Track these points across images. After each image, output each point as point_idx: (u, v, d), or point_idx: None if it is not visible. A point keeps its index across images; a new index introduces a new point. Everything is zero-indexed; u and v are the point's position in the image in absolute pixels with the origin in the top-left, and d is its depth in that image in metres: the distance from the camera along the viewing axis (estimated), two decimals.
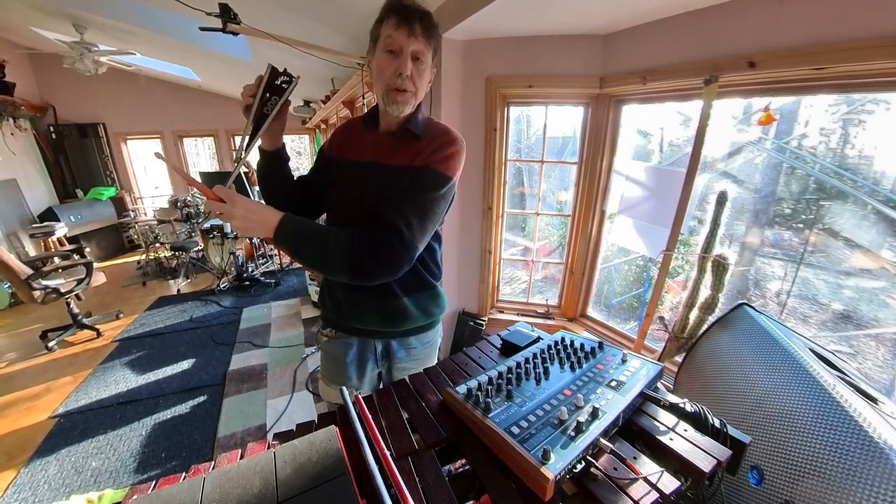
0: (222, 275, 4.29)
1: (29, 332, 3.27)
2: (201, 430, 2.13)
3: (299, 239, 0.81)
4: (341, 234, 0.83)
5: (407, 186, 0.88)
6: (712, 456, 0.62)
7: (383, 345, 1.10)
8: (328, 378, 1.13)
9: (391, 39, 0.83)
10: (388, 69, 0.85)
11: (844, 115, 2.40)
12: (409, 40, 0.83)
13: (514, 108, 2.14)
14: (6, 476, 1.84)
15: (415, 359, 1.12)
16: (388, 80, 0.85)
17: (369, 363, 1.10)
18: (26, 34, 4.22)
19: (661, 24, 1.57)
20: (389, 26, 0.83)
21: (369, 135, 0.98)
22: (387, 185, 0.91)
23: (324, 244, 0.82)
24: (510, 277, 4.15)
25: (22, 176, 4.63)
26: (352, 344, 1.09)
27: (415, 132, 0.91)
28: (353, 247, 0.82)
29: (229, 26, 1.80)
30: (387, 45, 0.84)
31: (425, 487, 0.60)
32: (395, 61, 0.84)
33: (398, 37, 0.82)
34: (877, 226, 2.30)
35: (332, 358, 1.11)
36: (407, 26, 0.82)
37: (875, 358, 2.13)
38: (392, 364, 1.12)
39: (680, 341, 1.53)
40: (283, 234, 0.80)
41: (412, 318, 1.04)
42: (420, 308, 1.05)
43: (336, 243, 0.82)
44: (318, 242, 0.82)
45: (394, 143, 0.93)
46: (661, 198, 1.79)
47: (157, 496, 0.56)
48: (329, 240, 0.82)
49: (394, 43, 0.83)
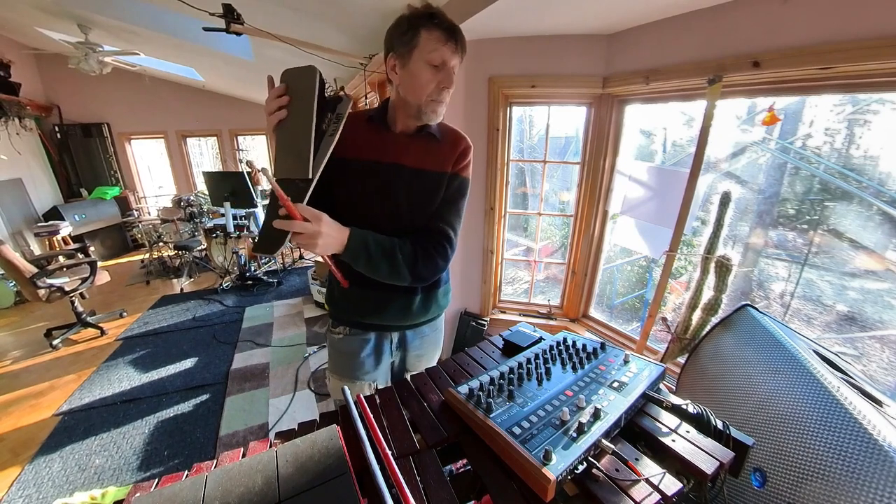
0: (225, 274, 4.31)
1: (33, 330, 3.30)
2: (204, 428, 2.13)
3: (370, 253, 0.86)
4: (405, 247, 0.90)
5: (445, 195, 0.96)
6: (715, 458, 0.61)
7: (399, 336, 1.13)
8: (342, 374, 1.12)
9: (438, 54, 0.84)
10: (431, 83, 0.86)
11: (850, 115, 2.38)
12: (454, 56, 0.86)
13: (516, 108, 2.13)
14: (11, 473, 1.85)
15: (427, 345, 1.18)
16: (431, 93, 0.87)
17: (385, 355, 1.13)
18: (32, 35, 4.26)
19: (664, 24, 1.56)
20: (436, 40, 0.83)
21: (382, 134, 0.96)
22: (418, 189, 0.95)
23: (392, 259, 0.88)
24: (512, 278, 4.15)
25: (27, 175, 4.66)
26: (368, 339, 1.10)
27: (434, 135, 0.96)
28: (416, 259, 0.91)
29: (232, 26, 1.80)
30: (432, 59, 0.84)
31: (426, 487, 0.60)
32: (438, 75, 0.86)
33: (445, 52, 0.84)
34: (882, 227, 2.29)
35: (346, 355, 1.11)
36: (454, 42, 0.84)
37: (880, 360, 2.12)
38: (406, 352, 1.16)
39: (682, 342, 1.53)
40: (353, 249, 0.83)
41: (428, 311, 1.09)
42: (434, 302, 1.10)
43: (403, 258, 0.89)
44: (388, 258, 0.88)
45: (415, 146, 0.95)
46: (664, 198, 1.78)
47: (159, 494, 0.56)
48: (396, 254, 0.89)
49: (439, 58, 0.84)
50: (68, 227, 4.45)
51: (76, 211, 4.92)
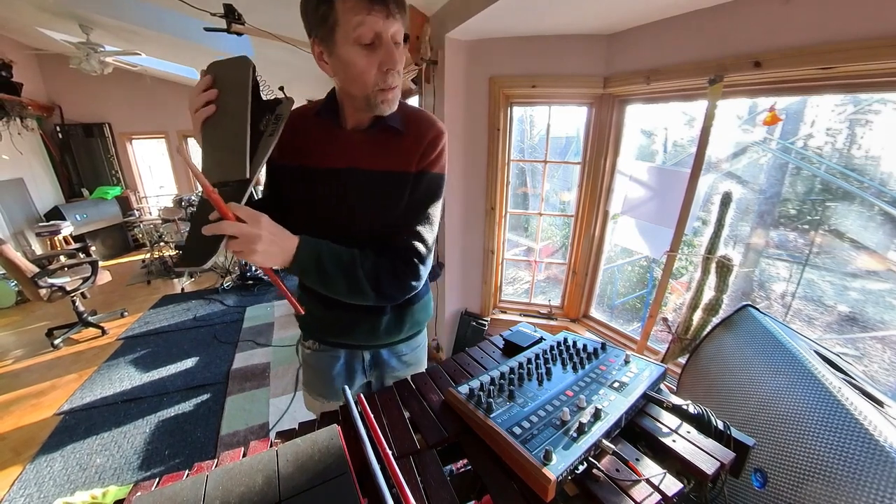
0: (226, 274, 4.31)
1: (35, 330, 3.30)
2: (204, 427, 2.14)
3: (323, 267, 0.71)
4: (367, 262, 0.75)
5: (411, 198, 0.80)
6: (715, 458, 0.61)
7: (371, 355, 1.01)
8: (314, 391, 1.04)
9: (366, 28, 0.63)
10: (369, 69, 0.67)
11: (851, 115, 2.37)
12: (389, 22, 0.64)
13: (517, 108, 2.13)
14: (12, 472, 1.86)
15: (407, 364, 1.06)
16: (376, 80, 0.69)
17: (358, 375, 1.02)
18: (33, 35, 4.26)
19: (665, 24, 1.56)
20: (355, 8, 0.62)
21: (333, 133, 0.81)
22: (379, 195, 0.80)
23: (352, 275, 0.73)
24: (513, 278, 4.14)
25: (29, 175, 4.67)
26: (338, 357, 0.99)
27: (396, 127, 0.78)
28: (379, 276, 0.76)
29: (233, 27, 1.81)
30: (361, 36, 0.64)
31: (427, 487, 0.60)
32: (374, 55, 0.66)
33: (375, 22, 0.63)
34: (884, 227, 2.28)
35: (316, 371, 1.01)
36: (381, 4, 0.63)
37: (881, 361, 2.11)
38: (384, 372, 1.04)
39: (683, 343, 1.53)
40: (303, 261, 0.69)
41: (402, 330, 0.97)
42: (409, 320, 0.97)
43: (364, 273, 0.74)
44: (346, 274, 0.73)
45: (371, 143, 0.79)
46: (664, 198, 1.78)
47: (160, 493, 0.56)
48: (357, 269, 0.74)
49: (370, 33, 0.64)
50: (69, 227, 4.45)
51: (77, 211, 4.93)
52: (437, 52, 1.95)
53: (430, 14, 1.97)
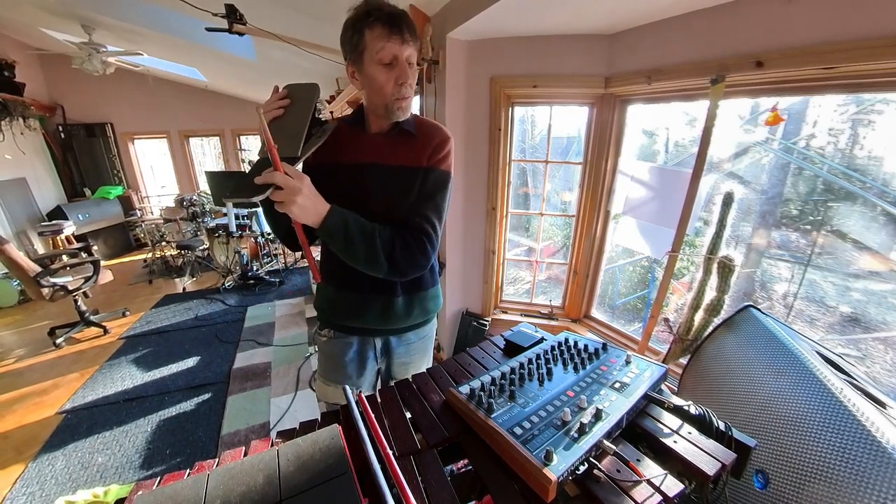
0: (227, 273, 4.32)
1: (37, 329, 3.31)
2: (206, 427, 2.14)
3: (348, 231, 0.84)
4: (384, 233, 0.88)
5: (420, 189, 0.94)
6: (717, 459, 0.61)
7: (382, 342, 1.11)
8: (327, 377, 1.14)
9: (385, 52, 0.82)
10: (388, 83, 0.86)
11: (853, 115, 2.36)
12: (402, 48, 0.83)
13: (518, 108, 2.13)
14: (14, 470, 1.87)
15: (413, 353, 1.15)
16: (391, 92, 0.87)
17: (369, 361, 1.12)
18: (36, 35, 4.28)
19: (667, 24, 1.55)
20: (379, 37, 0.82)
21: (360, 136, 0.98)
22: (394, 186, 0.94)
23: (371, 242, 0.86)
24: (514, 278, 4.13)
25: (31, 175, 4.69)
26: (351, 343, 1.09)
27: (410, 131, 0.95)
28: (394, 246, 0.88)
29: (235, 27, 1.81)
30: (381, 58, 0.83)
31: (427, 487, 0.60)
32: (392, 72, 0.85)
33: (392, 47, 0.82)
34: (886, 228, 2.27)
35: (331, 358, 1.12)
36: (398, 35, 0.82)
37: (883, 361, 2.10)
38: (391, 360, 1.14)
39: (685, 343, 1.52)
40: (332, 225, 0.82)
41: (410, 315, 1.07)
42: (418, 306, 1.07)
43: (381, 243, 0.87)
44: (366, 241, 0.85)
45: (390, 144, 0.96)
46: (666, 198, 1.78)
47: (161, 492, 0.56)
48: (375, 238, 0.86)
49: (389, 55, 0.83)
50: (72, 227, 4.47)
51: (79, 210, 4.95)
52: (438, 52, 1.95)
53: (432, 14, 1.97)
